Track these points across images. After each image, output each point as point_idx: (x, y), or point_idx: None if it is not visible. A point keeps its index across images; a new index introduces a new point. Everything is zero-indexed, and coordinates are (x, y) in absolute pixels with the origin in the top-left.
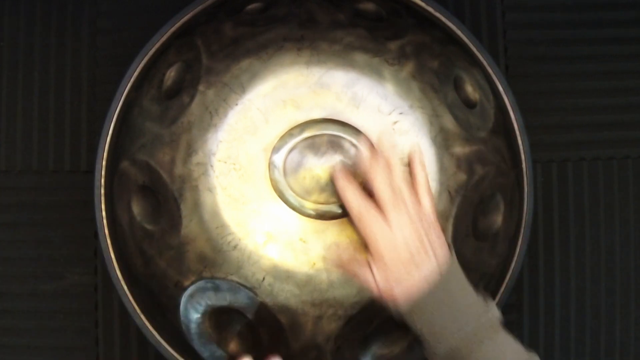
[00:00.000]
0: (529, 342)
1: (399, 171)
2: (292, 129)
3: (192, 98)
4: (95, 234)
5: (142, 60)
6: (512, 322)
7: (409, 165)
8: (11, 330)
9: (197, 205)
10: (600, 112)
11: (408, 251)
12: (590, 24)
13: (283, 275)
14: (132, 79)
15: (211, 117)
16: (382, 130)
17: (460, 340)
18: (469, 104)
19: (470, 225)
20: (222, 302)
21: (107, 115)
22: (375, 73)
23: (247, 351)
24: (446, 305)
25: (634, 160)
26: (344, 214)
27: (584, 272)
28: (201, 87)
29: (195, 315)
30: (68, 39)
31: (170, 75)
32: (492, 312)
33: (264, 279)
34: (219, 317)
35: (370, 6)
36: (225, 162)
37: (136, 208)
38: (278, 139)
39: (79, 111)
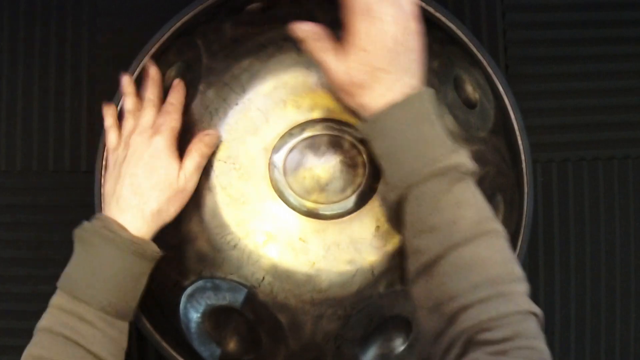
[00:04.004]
0: None
1: None
2: (292, 128)
3: (192, 98)
4: None
5: (142, 60)
6: None
7: None
8: (12, 331)
9: (197, 205)
10: (600, 112)
11: (395, 48)
12: (590, 24)
13: (283, 275)
14: (132, 79)
15: (211, 117)
16: None
17: (424, 179)
18: (469, 104)
19: None
20: (222, 302)
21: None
22: None
23: (247, 351)
24: (417, 130)
25: (634, 160)
26: (344, 214)
27: (584, 272)
28: (201, 87)
29: (195, 315)
30: (68, 39)
31: (171, 75)
32: (464, 159)
33: (263, 278)
34: (219, 317)
35: None
36: (225, 162)
37: None
38: (278, 138)
39: (79, 111)
